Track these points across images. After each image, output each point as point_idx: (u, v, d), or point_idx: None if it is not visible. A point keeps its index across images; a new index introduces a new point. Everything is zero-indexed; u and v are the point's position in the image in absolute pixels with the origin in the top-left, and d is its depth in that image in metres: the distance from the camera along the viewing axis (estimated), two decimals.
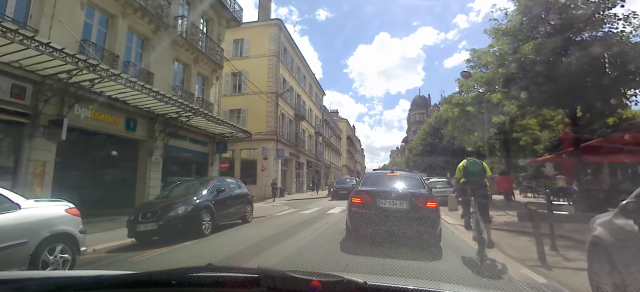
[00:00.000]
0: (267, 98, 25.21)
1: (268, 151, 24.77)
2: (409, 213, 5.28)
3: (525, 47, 8.58)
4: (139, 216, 6.38)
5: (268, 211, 12.83)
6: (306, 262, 4.63)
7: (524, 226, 7.74)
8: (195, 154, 15.36)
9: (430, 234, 5.28)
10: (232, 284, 0.94)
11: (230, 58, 26.68)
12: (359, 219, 5.57)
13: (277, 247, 5.73)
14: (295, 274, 0.89)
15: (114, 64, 10.80)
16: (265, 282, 0.90)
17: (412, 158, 37.23)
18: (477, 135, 17.12)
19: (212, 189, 7.54)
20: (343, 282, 0.86)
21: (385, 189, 5.83)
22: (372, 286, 0.88)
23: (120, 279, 1.07)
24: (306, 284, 0.86)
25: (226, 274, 0.97)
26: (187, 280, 0.95)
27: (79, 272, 1.46)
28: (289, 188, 29.18)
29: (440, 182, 16.15)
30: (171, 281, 0.97)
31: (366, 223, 5.45)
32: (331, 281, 0.86)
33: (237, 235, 7.32)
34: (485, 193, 5.15)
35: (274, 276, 0.90)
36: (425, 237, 5.19)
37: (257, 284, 0.91)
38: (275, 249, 5.59)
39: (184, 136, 14.27)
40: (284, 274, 0.90)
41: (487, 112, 13.72)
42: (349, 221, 5.91)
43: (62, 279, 1.17)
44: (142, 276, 1.05)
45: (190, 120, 12.78)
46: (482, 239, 4.62)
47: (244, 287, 0.93)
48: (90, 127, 10.32)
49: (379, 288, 0.90)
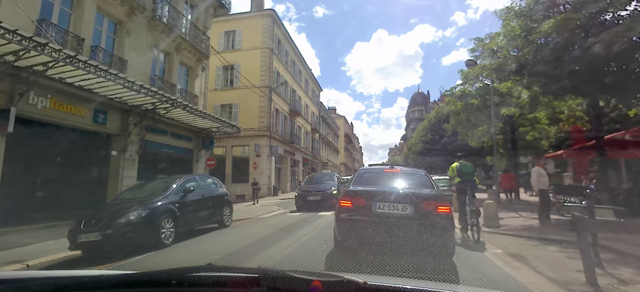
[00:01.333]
0: (260, 92, 24.01)
1: (261, 148, 23.59)
2: (414, 220, 4.10)
3: (546, 25, 7.42)
4: (81, 223, 5.19)
5: (254, 212, 11.68)
6: None
7: (545, 232, 6.64)
8: (178, 151, 14.16)
9: (443, 247, 4.10)
10: (232, 284, 0.94)
11: (222, 50, 25.48)
12: (350, 228, 4.36)
13: (245, 263, 4.58)
14: (295, 274, 0.89)
15: (78, 49, 9.61)
16: (265, 282, 0.90)
17: (412, 156, 36.11)
18: (481, 130, 15.99)
19: (178, 189, 6.35)
20: (343, 282, 0.86)
21: (383, 189, 4.66)
22: (373, 286, 0.89)
23: (120, 279, 1.08)
24: (306, 284, 0.86)
25: (226, 274, 0.97)
26: (187, 280, 0.96)
27: (79, 272, 1.24)
28: (284, 186, 28.03)
29: (442, 180, 14.91)
30: (171, 280, 0.97)
31: (359, 233, 4.24)
32: (331, 281, 0.87)
33: (204, 245, 6.18)
34: (477, 190, 6.62)
35: (274, 276, 0.91)
36: (434, 251, 3.98)
37: (257, 284, 0.91)
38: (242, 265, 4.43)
39: (164, 131, 13.08)
40: (284, 274, 0.91)
41: (494, 104, 12.57)
42: (337, 229, 4.65)
43: (62, 279, 1.17)
44: (142, 276, 1.05)
45: (169, 112, 11.58)
46: (478, 223, 5.99)
47: (244, 287, 0.92)
48: (50, 118, 9.12)
49: (379, 288, 0.91)
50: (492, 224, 7.24)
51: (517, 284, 3.53)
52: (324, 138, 45.42)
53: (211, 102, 25.19)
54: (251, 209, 13.98)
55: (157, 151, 13.00)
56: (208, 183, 7.78)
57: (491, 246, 5.51)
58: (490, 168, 31.47)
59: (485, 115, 14.24)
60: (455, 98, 16.08)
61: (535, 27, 8.93)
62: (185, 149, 14.56)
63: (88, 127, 10.24)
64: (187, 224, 6.35)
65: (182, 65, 14.94)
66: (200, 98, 15.59)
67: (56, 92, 9.09)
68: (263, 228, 8.08)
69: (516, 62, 9.21)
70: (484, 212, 7.62)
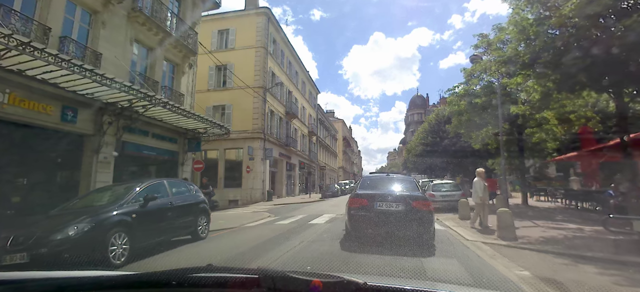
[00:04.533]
0: (254, 93, 23.05)
1: (255, 151, 22.58)
2: (405, 214, 5.50)
3: (567, 7, 6.47)
4: (8, 240, 4.16)
5: (241, 220, 10.64)
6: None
7: (574, 245, 5.66)
8: (161, 152, 13.15)
9: (426, 234, 5.62)
10: (232, 285, 0.94)
11: (215, 50, 24.56)
12: (358, 221, 5.84)
13: None
14: (295, 274, 0.90)
15: (44, 39, 8.65)
16: (265, 282, 0.91)
17: (411, 159, 35.10)
18: (485, 132, 15.05)
19: (137, 196, 5.30)
20: (343, 283, 0.87)
21: (382, 192, 6.02)
22: (372, 286, 0.89)
23: (120, 280, 1.07)
24: (306, 284, 0.86)
25: (226, 275, 0.97)
26: (187, 280, 0.97)
27: (79, 273, 1.27)
28: (279, 191, 26.98)
29: (446, 185, 13.97)
30: (171, 281, 0.97)
31: (364, 225, 5.73)
32: (331, 281, 0.87)
33: (160, 265, 5.09)
34: None
35: (274, 276, 0.91)
36: (422, 237, 5.49)
37: (258, 285, 0.91)
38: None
39: (145, 131, 12.09)
40: (284, 275, 0.91)
41: (501, 103, 11.60)
42: (348, 223, 6.16)
43: (62, 279, 1.17)
44: (142, 276, 1.05)
45: (148, 110, 10.58)
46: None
47: (244, 288, 0.92)
48: (9, 116, 8.12)
49: (379, 288, 0.92)
50: (509, 235, 6.26)
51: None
52: (321, 141, 44.44)
53: (203, 103, 24.22)
54: (242, 215, 12.96)
55: (137, 153, 11.99)
56: (180, 189, 6.75)
57: (514, 265, 4.52)
58: (490, 171, 30.54)
59: (490, 115, 13.30)
60: (458, 97, 15.13)
61: (548, 16, 8.04)
62: (169, 151, 13.55)
63: (56, 126, 9.23)
64: (148, 238, 5.31)
65: (168, 61, 13.99)
66: (187, 97, 14.62)
67: (16, 87, 8.12)
68: (246, 239, 7.08)
69: (530, 54, 8.28)
70: (498, 222, 6.64)
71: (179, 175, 13.80)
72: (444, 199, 12.41)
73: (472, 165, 28.00)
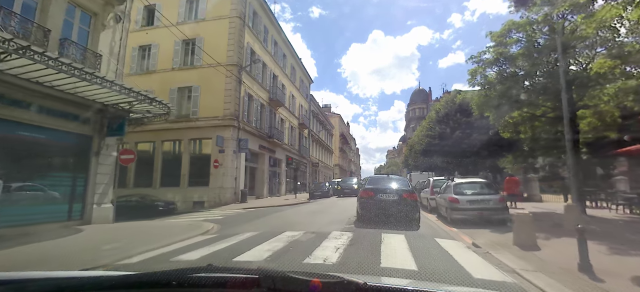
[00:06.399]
0: (227, 72, 18.94)
1: (226, 141, 18.46)
2: (398, 202, 8.52)
3: None
4: None
5: (140, 245, 6.45)
6: None
7: None
8: (58, 137, 9.03)
9: (412, 215, 8.38)
10: (232, 285, 0.93)
11: (182, 21, 20.44)
12: (366, 206, 8.75)
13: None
14: (295, 274, 0.90)
15: None
16: (265, 282, 0.90)
17: (413, 155, 30.98)
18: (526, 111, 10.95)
19: None
20: (343, 283, 0.87)
21: (382, 187, 9.05)
22: (372, 286, 0.89)
23: (120, 280, 1.06)
24: (306, 284, 0.86)
25: (226, 275, 0.97)
26: (187, 280, 0.96)
27: (79, 273, 1.24)
28: (259, 190, 22.88)
29: (475, 184, 9.34)
30: (171, 281, 0.96)
31: (371, 208, 8.64)
32: (331, 281, 0.87)
33: None
34: None
35: (274, 276, 0.91)
36: (409, 217, 8.35)
37: (258, 285, 0.91)
38: None
39: (26, 102, 7.99)
40: (284, 275, 0.91)
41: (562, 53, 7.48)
42: (359, 208, 9.08)
43: (62, 279, 1.14)
44: (142, 276, 1.04)
45: (9, 66, 6.49)
46: None
47: (244, 288, 0.92)
48: None
49: (379, 289, 0.92)
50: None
51: None
52: (314, 136, 40.31)
53: (167, 84, 20.03)
54: (156, 233, 8.81)
55: (10, 135, 7.89)
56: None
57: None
58: (499, 170, 26.13)
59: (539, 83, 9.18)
60: (484, 65, 11.02)
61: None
62: (74, 135, 9.40)
63: None
64: None
65: (79, 8, 9.85)
66: (110, 60, 10.47)
67: None
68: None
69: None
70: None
71: (91, 169, 9.69)
72: (473, 207, 8.31)
73: (472, 164, 23.77)
